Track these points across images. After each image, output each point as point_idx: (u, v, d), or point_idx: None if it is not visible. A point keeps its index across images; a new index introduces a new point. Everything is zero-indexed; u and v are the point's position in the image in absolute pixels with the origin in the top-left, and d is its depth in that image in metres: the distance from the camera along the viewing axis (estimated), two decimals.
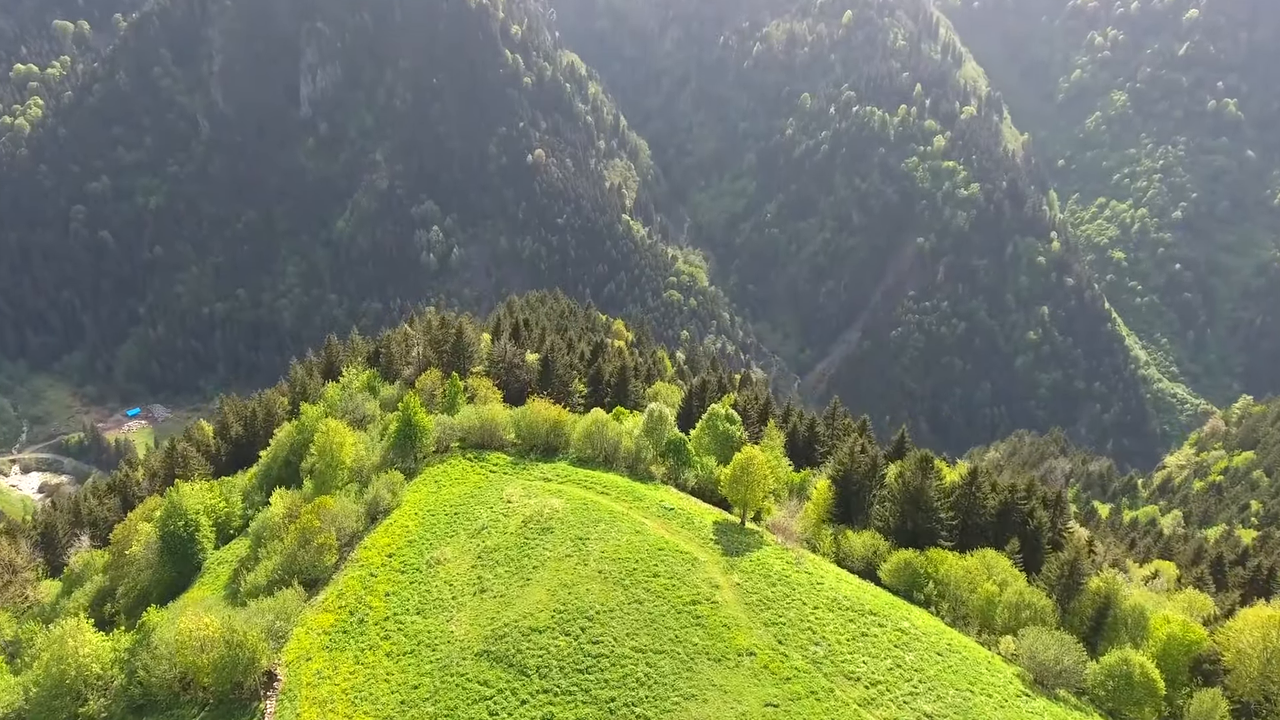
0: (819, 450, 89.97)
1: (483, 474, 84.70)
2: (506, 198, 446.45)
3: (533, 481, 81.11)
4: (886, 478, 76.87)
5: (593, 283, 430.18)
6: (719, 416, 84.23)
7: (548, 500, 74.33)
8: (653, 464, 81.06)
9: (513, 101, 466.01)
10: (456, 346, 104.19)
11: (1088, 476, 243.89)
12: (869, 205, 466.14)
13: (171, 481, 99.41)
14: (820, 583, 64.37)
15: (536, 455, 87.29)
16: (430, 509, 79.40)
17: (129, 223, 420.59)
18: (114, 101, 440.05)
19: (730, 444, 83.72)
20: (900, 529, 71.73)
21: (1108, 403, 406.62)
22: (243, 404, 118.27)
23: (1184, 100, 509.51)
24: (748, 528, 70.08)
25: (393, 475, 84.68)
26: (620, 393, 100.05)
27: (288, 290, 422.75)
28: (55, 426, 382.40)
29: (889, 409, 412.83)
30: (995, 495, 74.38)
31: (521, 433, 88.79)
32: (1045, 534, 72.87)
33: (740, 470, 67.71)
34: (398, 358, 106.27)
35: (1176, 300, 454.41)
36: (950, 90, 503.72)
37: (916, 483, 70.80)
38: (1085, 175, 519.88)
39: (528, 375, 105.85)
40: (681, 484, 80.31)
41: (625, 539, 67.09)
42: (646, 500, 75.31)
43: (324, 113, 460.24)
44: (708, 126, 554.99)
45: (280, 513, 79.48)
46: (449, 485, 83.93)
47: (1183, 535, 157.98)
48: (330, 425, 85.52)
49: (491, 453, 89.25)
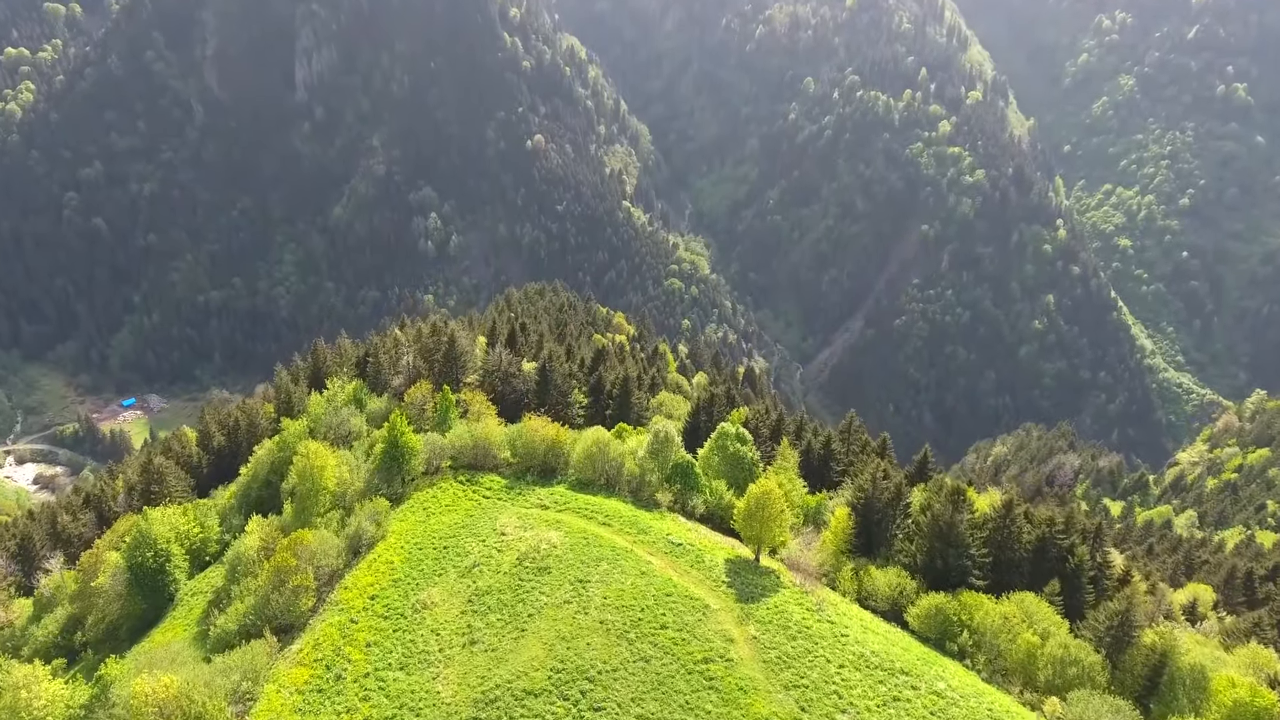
0: (835, 469, 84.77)
1: (475, 499, 78.96)
2: (505, 184, 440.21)
3: (529, 509, 75.59)
4: (911, 506, 71.62)
5: (593, 271, 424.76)
6: (729, 436, 78.99)
7: (545, 533, 69.00)
8: (658, 490, 75.72)
9: (511, 86, 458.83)
10: (448, 355, 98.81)
11: (1097, 473, 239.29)
12: (873, 192, 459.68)
13: (149, 497, 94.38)
14: (845, 635, 59.00)
15: (533, 477, 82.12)
16: (417, 541, 73.44)
17: (123, 210, 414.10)
18: (106, 86, 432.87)
19: (741, 465, 78.67)
20: (928, 566, 66.60)
21: (1113, 393, 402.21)
22: (225, 412, 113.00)
23: (1192, 85, 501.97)
24: (763, 565, 64.95)
25: (377, 503, 78.78)
26: (623, 405, 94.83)
27: (284, 278, 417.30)
28: (50, 417, 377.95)
29: (892, 399, 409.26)
30: (1031, 529, 68.99)
31: (517, 452, 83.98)
32: (1086, 572, 67.57)
33: (756, 506, 62.58)
34: (386, 366, 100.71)
35: (1183, 288, 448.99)
36: (955, 74, 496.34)
37: (947, 517, 65.51)
38: (1091, 161, 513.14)
39: (525, 385, 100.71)
40: (689, 511, 75.26)
41: (630, 581, 61.59)
42: (652, 533, 69.74)
43: (320, 97, 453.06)
44: (709, 111, 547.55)
45: (255, 545, 74.11)
46: (438, 513, 77.83)
47: (1201, 541, 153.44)
48: (310, 449, 79.69)
49: (485, 474, 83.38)
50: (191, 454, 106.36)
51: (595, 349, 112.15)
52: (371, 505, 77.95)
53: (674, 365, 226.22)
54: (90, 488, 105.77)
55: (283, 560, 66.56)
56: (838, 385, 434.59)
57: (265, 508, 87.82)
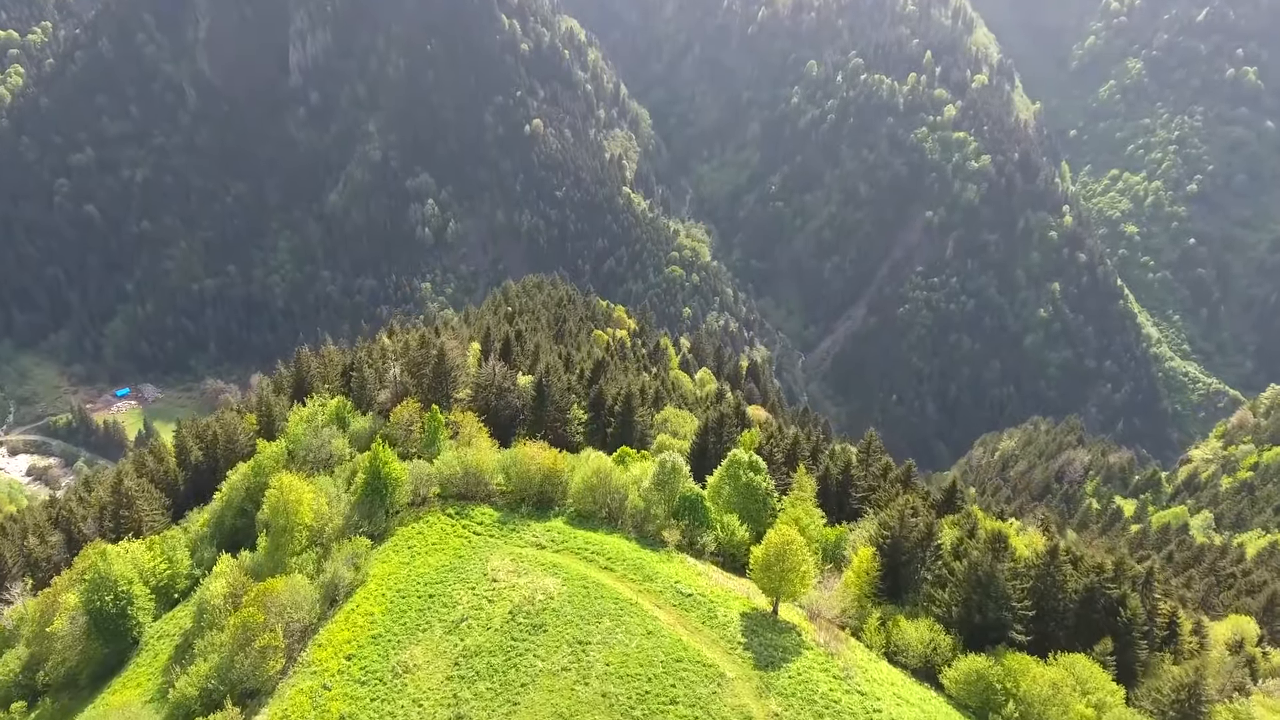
0: (854, 496, 79.29)
1: (465, 536, 72.12)
2: (504, 170, 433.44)
3: (523, 549, 68.85)
4: (941, 546, 65.95)
5: (592, 258, 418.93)
6: (741, 464, 73.30)
7: (541, 580, 62.44)
8: (664, 527, 70.11)
9: (509, 69, 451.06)
10: (438, 370, 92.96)
11: (1107, 469, 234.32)
12: (876, 178, 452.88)
13: (120, 521, 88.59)
14: (878, 710, 52.66)
15: (528, 508, 75.76)
16: (400, 587, 66.73)
17: (115, 196, 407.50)
18: (97, 69, 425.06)
19: (754, 496, 73.21)
20: (964, 619, 60.94)
21: (1119, 382, 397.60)
22: (203, 424, 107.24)
23: (1201, 68, 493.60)
24: (781, 619, 59.43)
25: (357, 543, 72.09)
26: (625, 423, 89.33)
27: (279, 266, 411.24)
28: (43, 407, 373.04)
29: (895, 388, 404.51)
30: (1078, 577, 63.00)
31: (511, 481, 77.63)
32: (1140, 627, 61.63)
33: (775, 557, 57.03)
34: (371, 381, 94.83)
35: (1189, 276, 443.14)
36: (961, 57, 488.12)
37: (986, 567, 59.69)
38: (1098, 146, 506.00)
39: (520, 400, 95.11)
40: (699, 550, 69.43)
41: (635, 643, 55.40)
42: (659, 580, 63.12)
43: (315, 81, 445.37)
44: (710, 95, 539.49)
45: (221, 592, 67.86)
46: (424, 552, 70.96)
47: (1222, 549, 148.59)
48: (284, 483, 72.23)
49: (476, 506, 76.59)
50: (169, 470, 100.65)
51: (595, 360, 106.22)
52: (351, 545, 71.87)
53: (676, 361, 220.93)
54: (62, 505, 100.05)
55: (249, 616, 60.77)
56: (840, 374, 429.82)
57: (240, 537, 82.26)
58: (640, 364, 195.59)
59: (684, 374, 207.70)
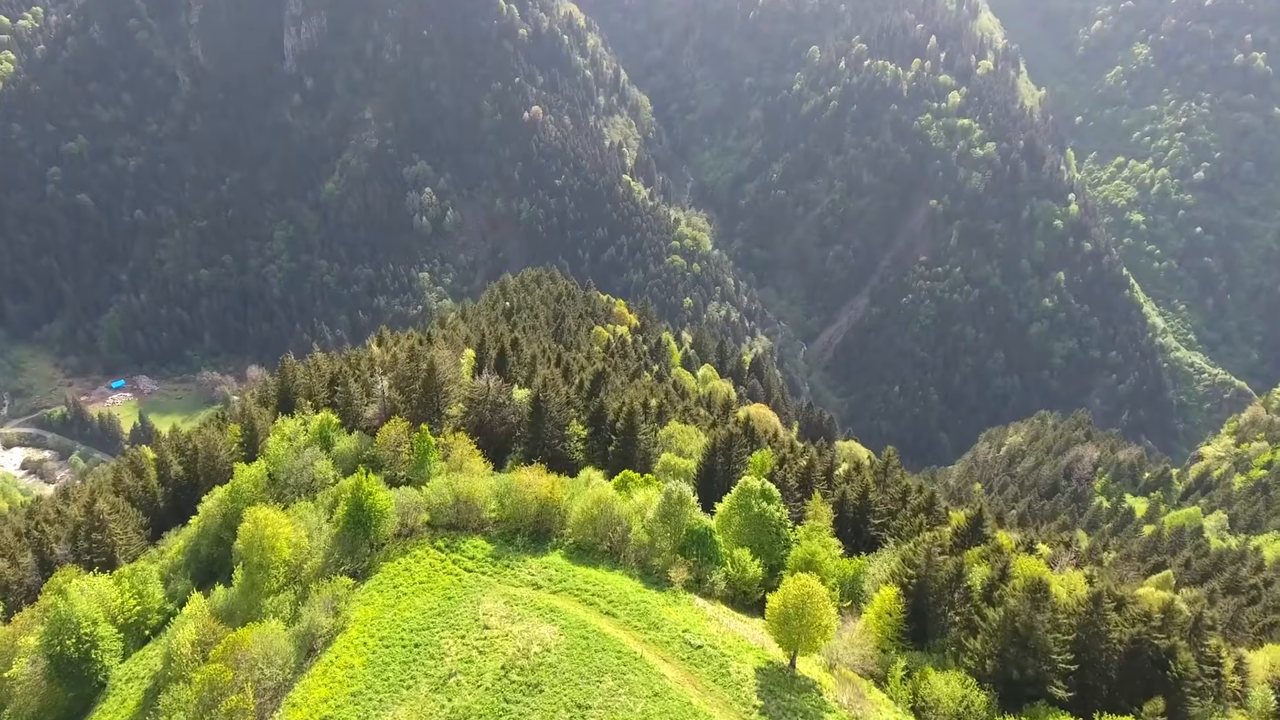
0: (872, 523, 74.78)
1: (455, 574, 66.59)
2: (502, 157, 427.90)
3: (518, 589, 63.51)
4: (971, 588, 61.16)
5: (592, 247, 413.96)
6: (753, 493, 68.73)
7: (537, 628, 57.27)
8: (670, 564, 65.52)
9: (507, 55, 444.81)
10: (428, 385, 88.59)
11: (1117, 466, 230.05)
12: (880, 165, 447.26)
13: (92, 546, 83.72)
14: None
15: (524, 540, 70.71)
16: (384, 636, 60.71)
17: (108, 185, 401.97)
18: (89, 56, 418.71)
19: (767, 527, 68.83)
20: (999, 672, 56.18)
21: (1124, 373, 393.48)
22: (184, 436, 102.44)
23: (1210, 54, 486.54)
24: (799, 676, 54.95)
25: (338, 584, 66.26)
26: (627, 442, 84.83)
27: (275, 256, 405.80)
28: (37, 400, 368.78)
29: (898, 379, 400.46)
30: (1123, 625, 57.90)
31: (505, 509, 72.67)
32: (1191, 682, 56.75)
33: (794, 610, 52.49)
34: (357, 396, 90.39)
35: (1196, 265, 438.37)
36: (965, 42, 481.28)
37: (1025, 618, 55.01)
38: (1104, 133, 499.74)
39: (516, 416, 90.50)
40: (708, 589, 65.00)
41: (640, 706, 50.07)
42: (666, 628, 58.05)
43: (309, 67, 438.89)
44: (711, 81, 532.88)
45: (190, 639, 62.71)
46: (411, 593, 65.36)
47: (1240, 555, 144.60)
48: (259, 517, 67.09)
49: (468, 537, 71.25)
50: (148, 485, 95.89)
51: (595, 371, 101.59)
52: (330, 586, 66.11)
53: (678, 358, 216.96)
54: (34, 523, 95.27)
55: (217, 673, 56.12)
56: (842, 364, 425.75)
57: (217, 567, 77.71)
58: (642, 362, 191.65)
59: (686, 372, 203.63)
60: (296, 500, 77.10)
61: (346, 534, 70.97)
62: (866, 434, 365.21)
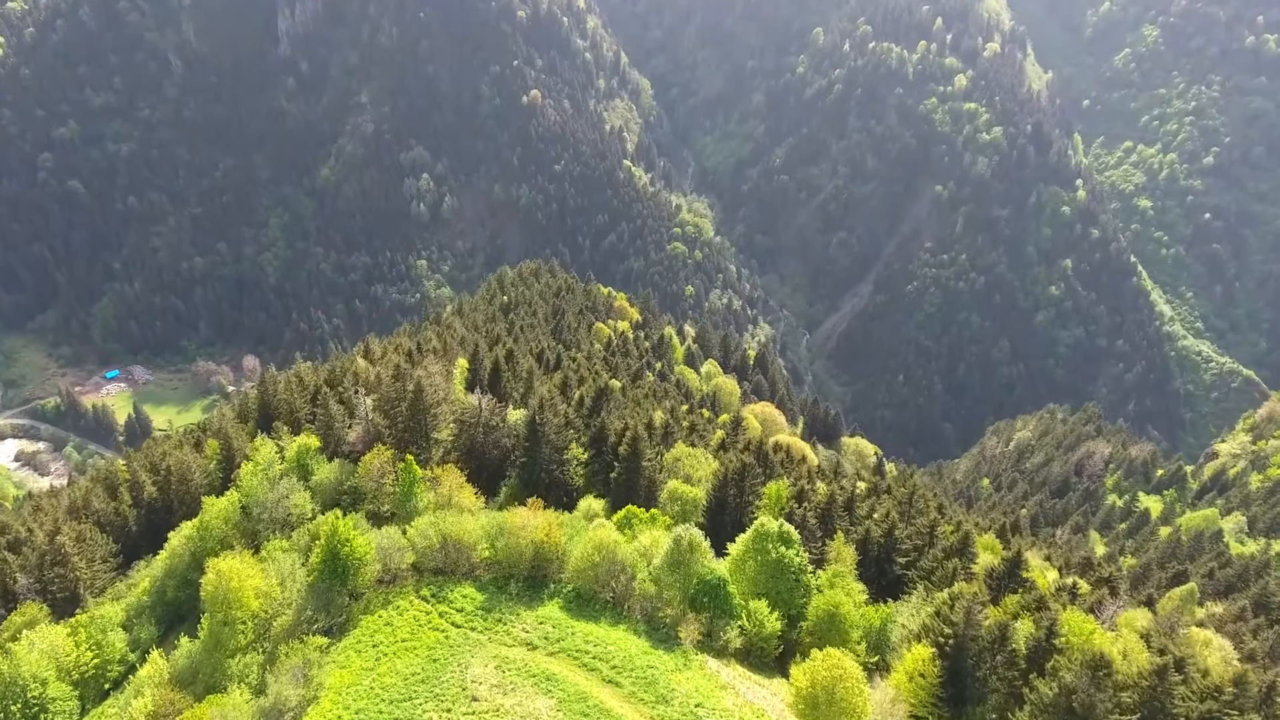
0: (897, 562, 69.79)
1: (442, 629, 60.41)
2: (501, 142, 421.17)
3: (510, 649, 57.60)
4: (1016, 648, 55.81)
5: (592, 234, 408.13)
6: (770, 537, 63.72)
7: (531, 701, 51.61)
8: (679, 621, 60.52)
9: (506, 37, 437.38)
10: (415, 408, 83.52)
11: (1129, 463, 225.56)
12: (884, 150, 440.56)
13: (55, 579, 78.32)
14: None
15: (518, 587, 64.99)
16: (360, 709, 53.99)
17: (100, 171, 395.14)
18: (79, 39, 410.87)
19: (785, 574, 64.17)
20: None
21: (1130, 362, 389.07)
22: (160, 452, 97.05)
23: (1220, 36, 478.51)
24: None
25: (310, 646, 59.20)
26: (631, 469, 79.96)
27: (271, 244, 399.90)
28: (31, 390, 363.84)
29: (902, 368, 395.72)
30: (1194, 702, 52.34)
31: (498, 551, 66.70)
32: None
33: (824, 695, 47.40)
34: (339, 419, 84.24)
35: (1204, 252, 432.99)
36: (972, 24, 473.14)
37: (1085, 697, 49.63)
38: (1111, 117, 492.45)
39: (510, 439, 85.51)
40: (721, 647, 59.93)
41: None
42: (676, 701, 52.53)
43: (304, 50, 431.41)
44: (713, 64, 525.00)
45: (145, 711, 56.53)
46: (392, 653, 58.85)
47: (1264, 564, 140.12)
48: (222, 569, 61.05)
49: (457, 584, 65.02)
50: (120, 508, 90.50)
51: (597, 389, 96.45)
52: (302, 650, 59.08)
53: (681, 354, 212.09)
54: None
55: None
56: (845, 353, 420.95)
57: (185, 610, 72.47)
58: (644, 360, 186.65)
59: (689, 370, 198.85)
60: (270, 537, 71.80)
61: (321, 584, 64.97)
62: (870, 424, 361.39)
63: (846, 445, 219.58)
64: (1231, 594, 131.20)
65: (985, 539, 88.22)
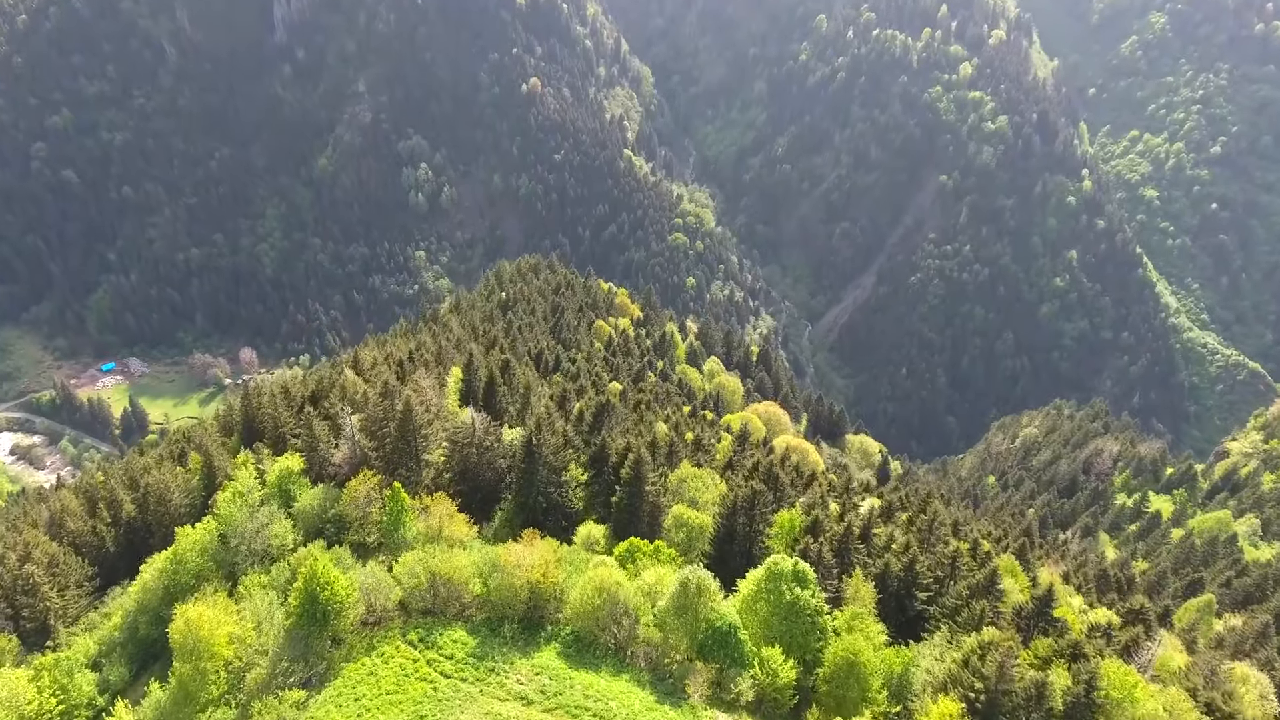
0: (918, 597, 65.93)
1: (430, 679, 55.86)
2: (500, 131, 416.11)
3: (505, 703, 53.32)
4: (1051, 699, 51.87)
5: (592, 225, 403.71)
6: (784, 576, 59.75)
7: None
8: (687, 673, 56.50)
9: (505, 24, 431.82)
10: (404, 429, 78.16)
11: (1138, 461, 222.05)
12: (888, 139, 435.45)
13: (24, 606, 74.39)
14: None
15: (513, 629, 60.73)
16: None
17: (94, 161, 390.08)
18: (72, 27, 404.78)
19: (800, 617, 59.52)
20: None
21: (1135, 354, 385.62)
22: (140, 466, 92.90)
23: (1229, 23, 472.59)
24: None
25: (285, 702, 54.56)
26: (634, 494, 76.20)
27: (268, 234, 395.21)
28: (26, 383, 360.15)
29: (905, 360, 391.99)
30: None
31: (491, 590, 62.00)
32: None
33: None
34: (324, 440, 78.87)
35: (1210, 243, 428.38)
36: (977, 11, 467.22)
37: None
38: (1117, 105, 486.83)
39: (506, 460, 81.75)
40: (733, 699, 55.32)
41: None
42: None
43: (300, 37, 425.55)
44: (715, 51, 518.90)
45: None
46: (375, 708, 54.16)
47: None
48: (191, 617, 56.78)
49: (447, 627, 60.40)
50: (97, 527, 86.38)
51: (598, 404, 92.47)
52: (277, 708, 54.40)
53: (683, 351, 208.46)
54: None
55: None
56: (848, 345, 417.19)
57: (158, 648, 68.08)
58: (645, 360, 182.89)
59: (692, 369, 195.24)
60: (249, 570, 67.81)
61: (299, 630, 60.04)
62: (872, 418, 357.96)
63: (851, 443, 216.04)
64: (1250, 605, 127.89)
65: (1005, 560, 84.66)
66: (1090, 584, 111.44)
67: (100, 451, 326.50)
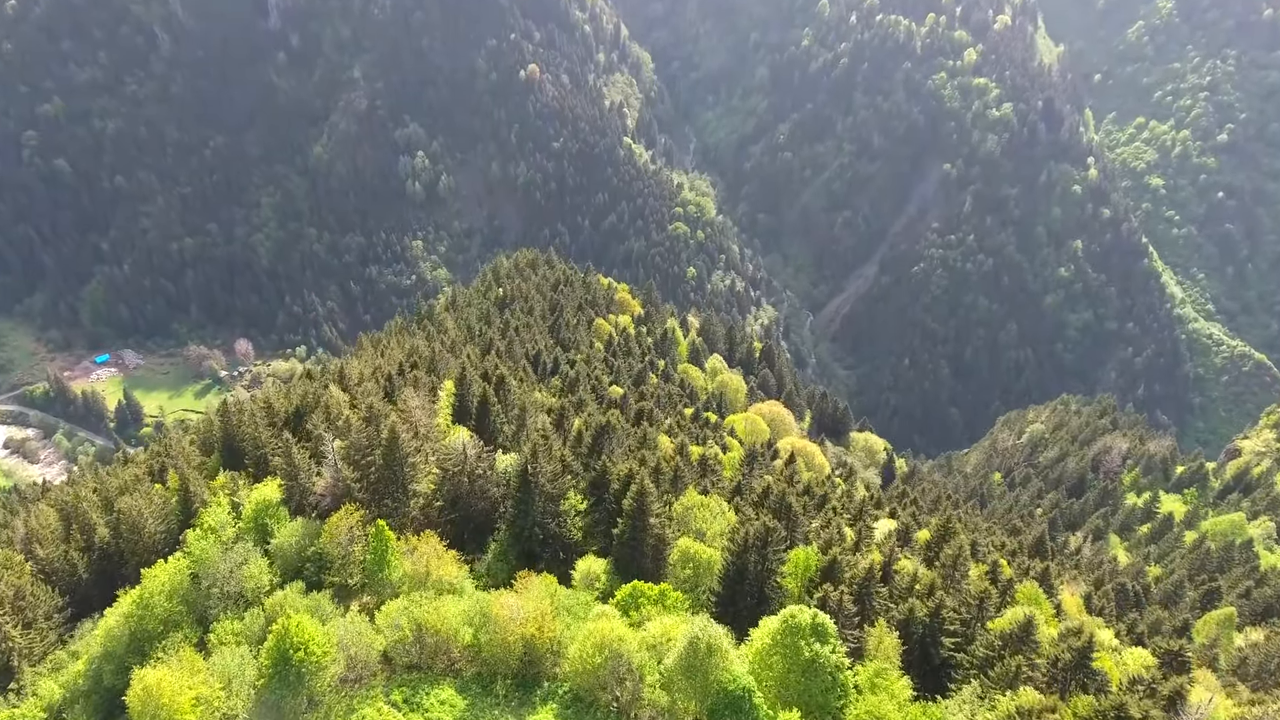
0: (944, 644, 61.88)
1: None
2: (498, 119, 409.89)
3: None
4: None
5: (592, 214, 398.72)
6: (802, 631, 55.58)
7: None
8: None
9: (502, 10, 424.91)
10: (390, 457, 73.17)
11: (1148, 459, 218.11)
12: (891, 127, 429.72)
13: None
14: None
15: (507, 687, 56.39)
16: None
17: (86, 149, 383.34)
18: (62, 12, 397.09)
19: (819, 675, 54.80)
20: None
21: (1140, 345, 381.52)
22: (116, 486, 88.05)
23: (1236, 8, 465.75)
24: None
25: None
26: (638, 524, 72.21)
27: (263, 224, 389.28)
28: (19, 376, 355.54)
29: (908, 350, 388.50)
30: None
31: (483, 644, 57.72)
32: None
33: None
34: (303, 469, 73.47)
35: (1217, 232, 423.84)
36: None
37: None
38: (1123, 92, 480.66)
39: (499, 489, 77.62)
40: None
41: None
42: None
43: (295, 23, 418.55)
44: (716, 37, 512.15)
45: None
46: None
47: None
48: (149, 684, 52.01)
49: (434, 687, 55.55)
50: (68, 553, 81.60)
51: (598, 425, 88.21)
52: None
53: (685, 349, 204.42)
54: None
55: None
56: (850, 335, 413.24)
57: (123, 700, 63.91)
58: (647, 359, 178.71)
59: (694, 368, 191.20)
60: (222, 614, 63.49)
61: (271, 696, 54.98)
62: (875, 409, 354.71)
63: (855, 440, 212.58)
64: (1270, 617, 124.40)
65: (1027, 588, 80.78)
66: (1111, 602, 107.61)
67: (95, 445, 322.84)
